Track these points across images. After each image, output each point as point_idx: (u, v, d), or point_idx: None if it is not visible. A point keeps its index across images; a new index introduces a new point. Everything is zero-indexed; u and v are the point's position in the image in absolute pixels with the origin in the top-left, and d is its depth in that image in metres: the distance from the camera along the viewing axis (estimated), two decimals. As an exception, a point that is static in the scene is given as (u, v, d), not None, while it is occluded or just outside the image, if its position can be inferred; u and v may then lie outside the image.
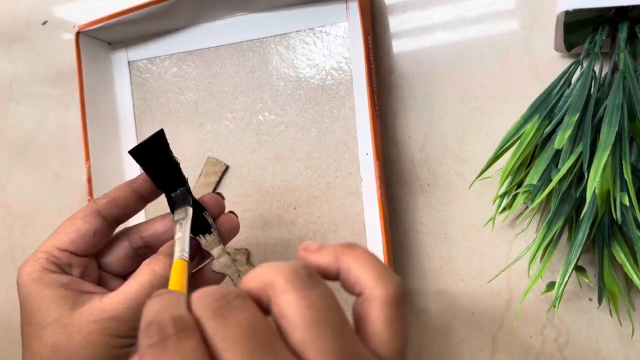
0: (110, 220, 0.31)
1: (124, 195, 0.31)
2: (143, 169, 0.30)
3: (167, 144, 0.30)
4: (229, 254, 0.31)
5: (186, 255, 0.28)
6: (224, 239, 0.32)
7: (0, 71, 0.54)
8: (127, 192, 0.31)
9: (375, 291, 0.19)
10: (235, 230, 0.32)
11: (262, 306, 0.19)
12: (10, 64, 0.53)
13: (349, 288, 0.20)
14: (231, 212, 0.33)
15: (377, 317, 0.19)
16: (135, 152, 0.29)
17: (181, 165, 0.31)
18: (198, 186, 0.43)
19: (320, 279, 0.19)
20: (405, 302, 0.20)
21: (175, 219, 0.30)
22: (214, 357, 0.17)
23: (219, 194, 0.33)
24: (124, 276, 0.32)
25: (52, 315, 0.27)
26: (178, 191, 0.31)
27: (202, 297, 0.18)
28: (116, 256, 0.32)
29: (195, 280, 0.32)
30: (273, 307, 0.19)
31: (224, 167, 0.43)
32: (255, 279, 0.19)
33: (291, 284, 0.18)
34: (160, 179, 0.30)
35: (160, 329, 0.17)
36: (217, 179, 0.43)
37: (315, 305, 0.18)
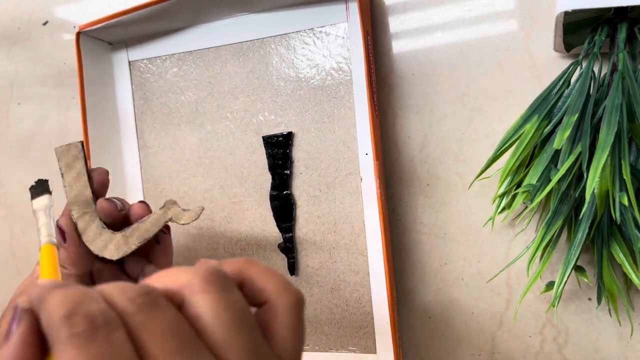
0: None
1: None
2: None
3: None
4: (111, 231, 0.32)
5: (54, 239, 0.29)
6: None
7: (0, 71, 0.54)
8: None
9: (280, 299, 0.21)
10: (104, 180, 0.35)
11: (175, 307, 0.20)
12: (10, 64, 0.53)
13: (254, 297, 0.22)
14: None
15: (282, 321, 0.21)
16: None
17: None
18: (69, 183, 0.34)
19: (233, 282, 0.20)
20: (304, 309, 0.22)
21: (35, 207, 0.32)
22: (137, 350, 0.17)
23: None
24: None
25: None
26: (35, 182, 0.33)
27: (125, 291, 0.18)
28: None
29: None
30: (189, 308, 0.19)
31: (79, 145, 0.34)
32: (170, 280, 0.20)
33: (210, 285, 0.19)
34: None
35: (88, 318, 0.17)
36: (83, 162, 0.34)
37: (233, 307, 0.19)
